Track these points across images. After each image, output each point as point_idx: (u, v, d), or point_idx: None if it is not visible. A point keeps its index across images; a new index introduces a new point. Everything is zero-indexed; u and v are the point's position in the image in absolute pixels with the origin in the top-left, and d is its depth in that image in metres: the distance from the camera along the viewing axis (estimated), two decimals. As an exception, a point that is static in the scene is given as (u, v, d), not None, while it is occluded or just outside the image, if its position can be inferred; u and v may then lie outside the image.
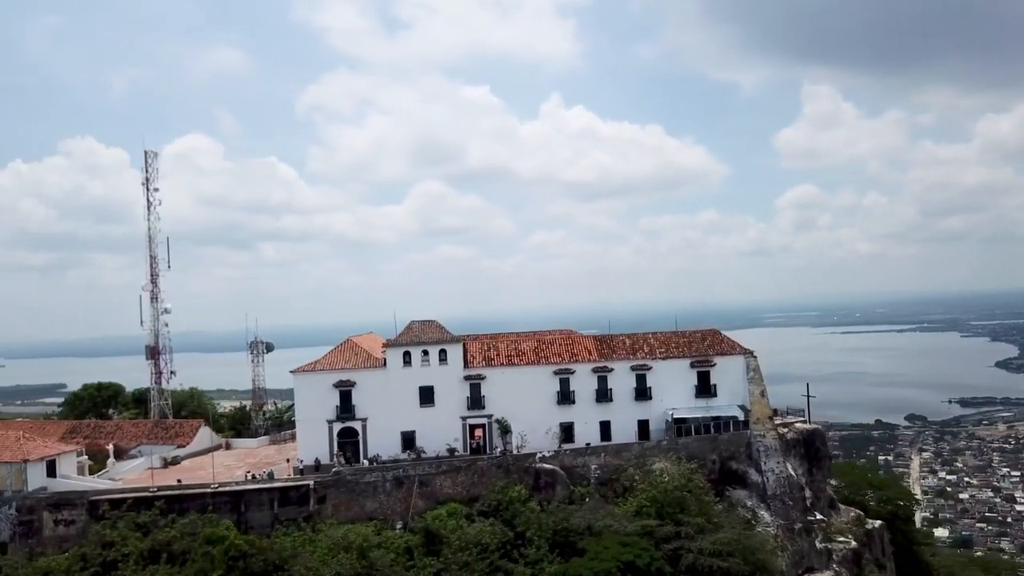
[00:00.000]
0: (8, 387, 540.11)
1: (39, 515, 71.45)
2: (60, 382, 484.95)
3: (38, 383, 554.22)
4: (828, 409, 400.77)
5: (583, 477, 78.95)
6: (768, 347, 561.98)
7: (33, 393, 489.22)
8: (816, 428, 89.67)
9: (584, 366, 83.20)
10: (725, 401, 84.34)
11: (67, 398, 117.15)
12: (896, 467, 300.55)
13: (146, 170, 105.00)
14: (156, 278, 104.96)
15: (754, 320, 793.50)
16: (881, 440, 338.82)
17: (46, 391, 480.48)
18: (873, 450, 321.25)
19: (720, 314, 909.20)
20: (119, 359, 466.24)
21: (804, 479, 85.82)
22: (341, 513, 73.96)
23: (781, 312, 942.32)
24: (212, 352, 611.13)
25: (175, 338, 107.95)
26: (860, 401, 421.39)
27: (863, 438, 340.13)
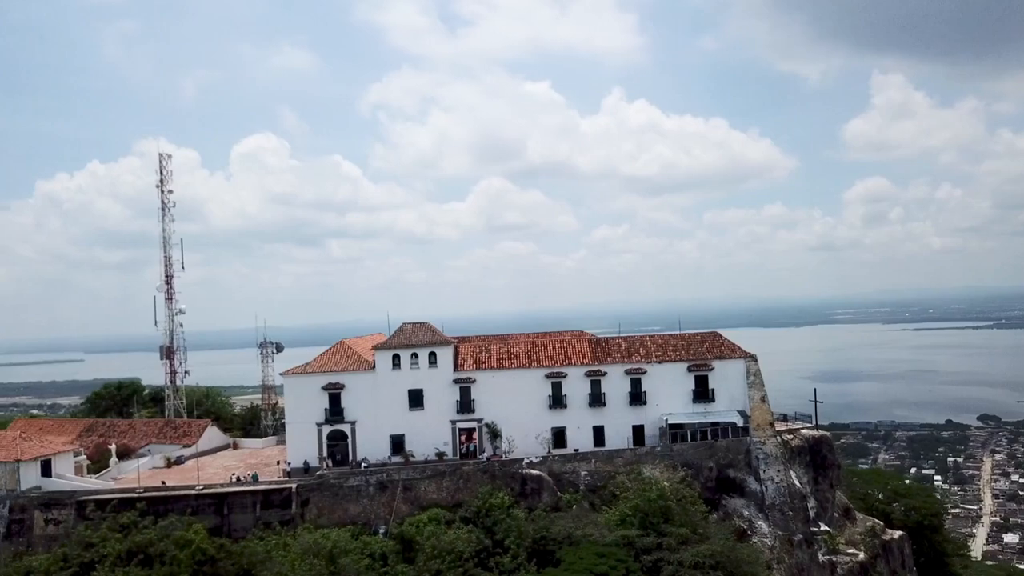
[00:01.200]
0: (87, 380, 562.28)
1: (30, 514, 72.95)
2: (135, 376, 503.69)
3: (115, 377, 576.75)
4: (897, 408, 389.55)
5: (572, 484, 77.33)
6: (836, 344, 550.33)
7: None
8: (823, 435, 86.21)
9: (577, 369, 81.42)
10: (724, 406, 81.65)
11: (88, 396, 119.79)
12: (966, 469, 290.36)
13: (160, 172, 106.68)
14: (171, 279, 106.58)
15: (822, 316, 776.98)
16: (951, 441, 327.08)
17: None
18: (943, 451, 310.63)
19: (787, 310, 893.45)
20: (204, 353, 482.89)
21: (809, 488, 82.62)
22: (324, 517, 73.73)
23: (851, 308, 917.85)
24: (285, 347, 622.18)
25: (241, 334, 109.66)
26: (931, 400, 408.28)
27: (932, 439, 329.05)
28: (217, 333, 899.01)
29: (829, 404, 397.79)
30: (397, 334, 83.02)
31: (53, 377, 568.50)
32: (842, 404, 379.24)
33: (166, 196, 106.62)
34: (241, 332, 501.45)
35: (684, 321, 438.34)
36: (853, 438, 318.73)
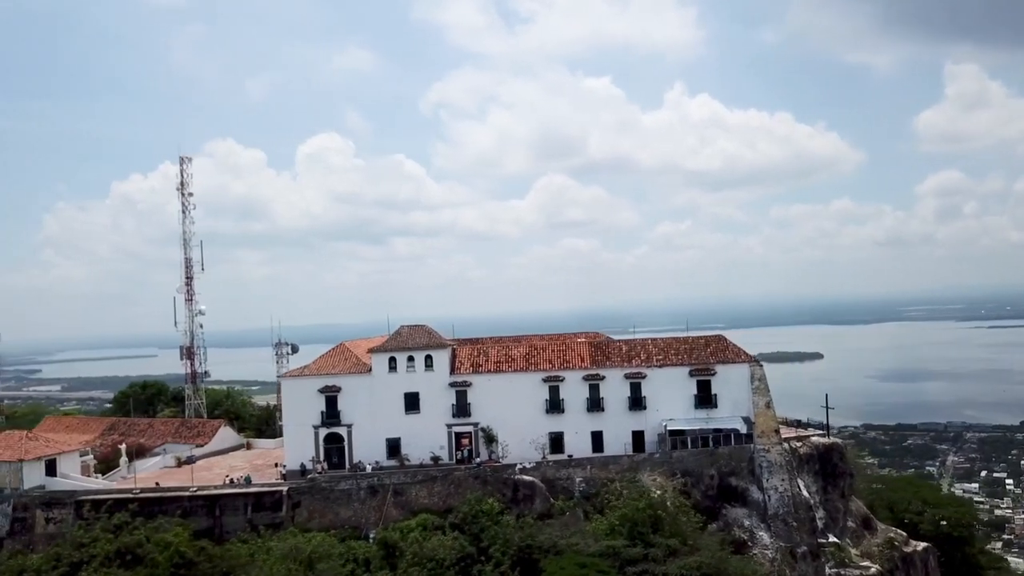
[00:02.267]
0: (159, 375, 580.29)
1: (32, 513, 74.54)
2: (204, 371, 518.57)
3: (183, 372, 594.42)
4: (968, 408, 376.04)
5: (567, 490, 75.85)
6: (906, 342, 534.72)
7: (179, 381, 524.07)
8: (834, 443, 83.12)
9: (575, 373, 79.86)
10: (727, 412, 79.15)
11: (115, 395, 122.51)
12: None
13: (181, 175, 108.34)
14: (191, 280, 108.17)
15: (892, 313, 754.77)
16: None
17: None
18: (1016, 454, 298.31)
19: (855, 307, 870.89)
20: (258, 350, 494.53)
21: (817, 498, 79.67)
22: (315, 520, 73.76)
23: (922, 305, 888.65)
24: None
25: (309, 330, 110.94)
26: (1005, 401, 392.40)
27: (1005, 441, 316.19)
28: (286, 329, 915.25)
29: (896, 403, 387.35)
30: (394, 337, 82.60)
31: (127, 372, 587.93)
32: (910, 404, 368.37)
33: (186, 199, 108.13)
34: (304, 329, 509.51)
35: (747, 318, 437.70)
36: (921, 439, 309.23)
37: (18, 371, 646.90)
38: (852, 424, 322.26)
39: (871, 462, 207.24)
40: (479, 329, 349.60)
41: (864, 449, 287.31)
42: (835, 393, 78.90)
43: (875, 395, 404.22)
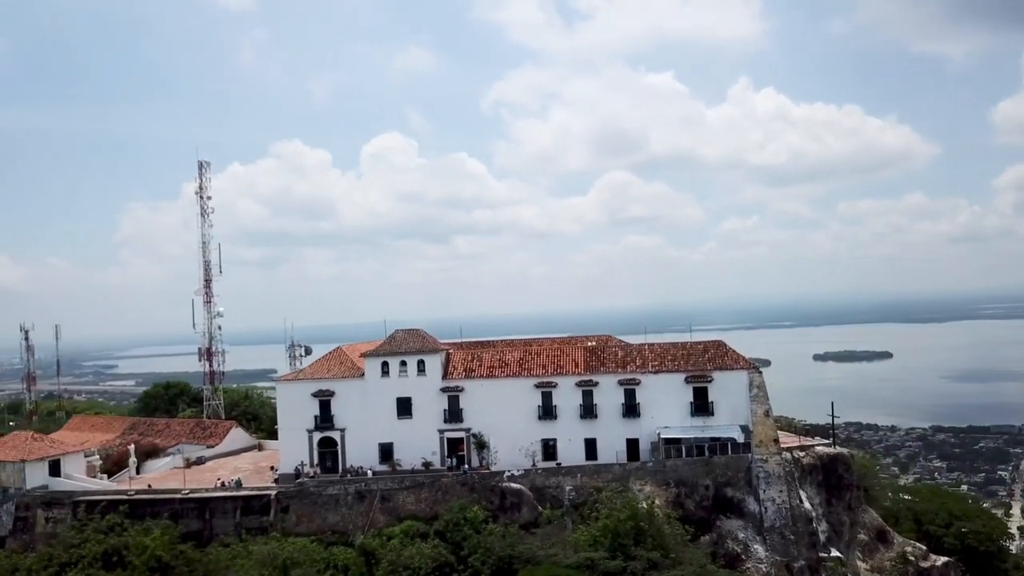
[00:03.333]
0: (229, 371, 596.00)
1: (33, 512, 76.47)
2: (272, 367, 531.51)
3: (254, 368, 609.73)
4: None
5: (556, 499, 74.56)
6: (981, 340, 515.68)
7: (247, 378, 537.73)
8: (839, 453, 79.87)
9: (568, 379, 78.40)
10: (725, 421, 76.81)
11: (140, 395, 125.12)
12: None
13: (200, 179, 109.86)
14: (210, 283, 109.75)
15: (967, 311, 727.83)
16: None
17: (258, 376, 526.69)
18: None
19: (928, 304, 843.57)
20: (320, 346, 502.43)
21: (820, 510, 76.76)
22: (303, 524, 74.05)
23: (999, 303, 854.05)
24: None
25: (376, 327, 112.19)
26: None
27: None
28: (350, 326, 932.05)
29: (968, 405, 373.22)
30: (388, 341, 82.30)
31: (198, 368, 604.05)
32: (983, 405, 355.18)
33: (205, 203, 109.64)
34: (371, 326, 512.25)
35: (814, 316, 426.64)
36: (993, 442, 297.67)
37: (96, 366, 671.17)
38: (920, 426, 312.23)
39: (893, 471, 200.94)
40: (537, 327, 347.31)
41: (932, 452, 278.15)
42: (904, 394, 75.14)
43: (946, 396, 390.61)
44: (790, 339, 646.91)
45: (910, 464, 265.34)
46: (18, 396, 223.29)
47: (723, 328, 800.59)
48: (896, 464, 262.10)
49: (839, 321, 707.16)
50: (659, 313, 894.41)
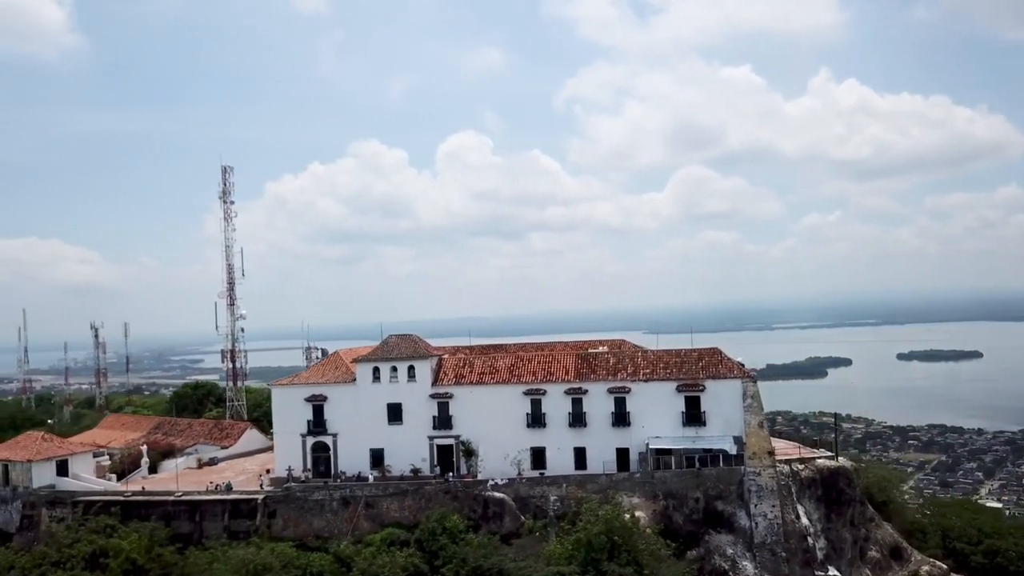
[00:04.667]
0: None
1: (38, 511, 78.93)
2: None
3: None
4: None
5: (540, 509, 73.26)
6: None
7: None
8: (840, 467, 76.07)
9: (557, 386, 76.90)
10: (718, 431, 74.19)
11: (170, 395, 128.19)
12: None
13: (224, 183, 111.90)
14: (233, 286, 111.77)
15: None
16: None
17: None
18: None
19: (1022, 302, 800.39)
20: None
21: (819, 526, 73.48)
22: (290, 529, 74.57)
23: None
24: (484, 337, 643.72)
25: (453, 323, 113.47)
26: None
27: None
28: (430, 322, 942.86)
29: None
30: (380, 346, 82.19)
31: (279, 363, 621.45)
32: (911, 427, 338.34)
33: (228, 207, 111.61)
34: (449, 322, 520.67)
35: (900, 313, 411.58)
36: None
37: (183, 360, 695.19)
38: (1009, 429, 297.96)
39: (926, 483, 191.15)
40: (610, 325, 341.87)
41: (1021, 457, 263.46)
42: (993, 396, 70.96)
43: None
44: (873, 338, 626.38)
45: (996, 469, 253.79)
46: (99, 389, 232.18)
47: (803, 326, 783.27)
48: (981, 469, 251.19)
49: (926, 319, 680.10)
50: (737, 311, 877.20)
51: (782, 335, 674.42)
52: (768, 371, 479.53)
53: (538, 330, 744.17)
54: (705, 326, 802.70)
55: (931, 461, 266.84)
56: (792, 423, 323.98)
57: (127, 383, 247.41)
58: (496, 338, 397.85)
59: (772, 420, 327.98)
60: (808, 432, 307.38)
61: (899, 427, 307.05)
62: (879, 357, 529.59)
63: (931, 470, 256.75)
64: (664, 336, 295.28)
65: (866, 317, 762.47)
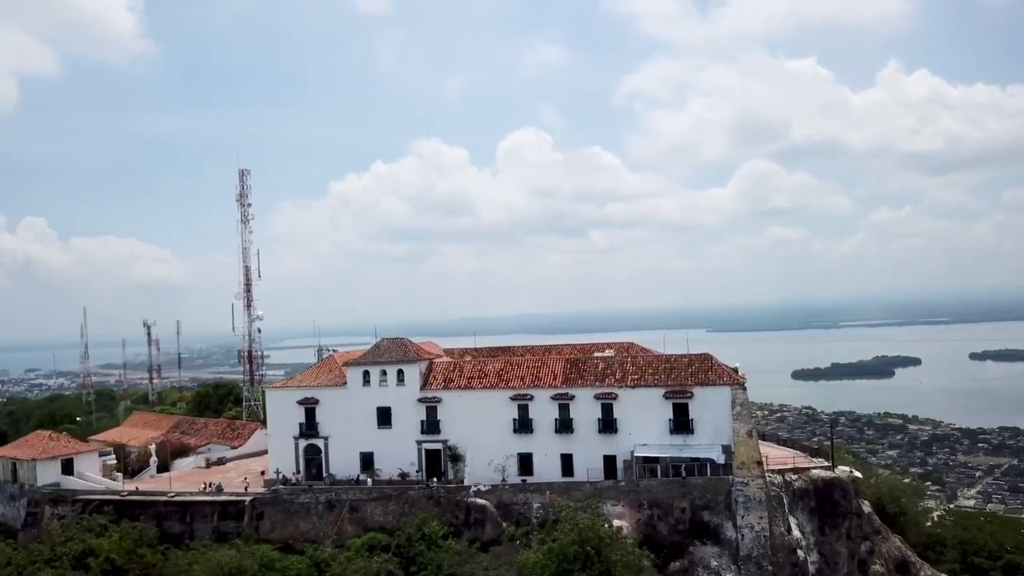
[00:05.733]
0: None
1: (42, 509, 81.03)
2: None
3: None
4: None
5: (523, 516, 72.25)
6: None
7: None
8: (835, 478, 73.10)
9: (544, 392, 75.73)
10: (706, 440, 72.09)
11: (193, 395, 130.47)
12: None
13: (241, 186, 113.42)
14: (250, 286, 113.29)
15: None
16: None
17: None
18: None
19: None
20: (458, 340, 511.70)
21: (811, 539, 70.89)
22: (277, 531, 75.12)
23: None
24: (543, 333, 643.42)
25: (515, 320, 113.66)
26: None
27: None
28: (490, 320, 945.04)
29: None
30: (372, 350, 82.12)
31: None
32: None
33: (245, 210, 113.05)
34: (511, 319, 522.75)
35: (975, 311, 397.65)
36: None
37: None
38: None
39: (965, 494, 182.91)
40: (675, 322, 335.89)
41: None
42: None
43: None
44: (946, 336, 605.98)
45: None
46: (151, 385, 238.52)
47: (871, 324, 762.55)
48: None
49: (1002, 317, 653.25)
50: (803, 308, 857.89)
51: (849, 333, 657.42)
52: (833, 370, 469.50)
53: (598, 328, 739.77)
54: (770, 324, 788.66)
55: (1001, 465, 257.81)
56: (855, 424, 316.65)
57: (180, 379, 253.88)
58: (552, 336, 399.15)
59: (835, 421, 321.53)
60: (873, 433, 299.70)
61: (968, 429, 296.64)
62: (950, 357, 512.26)
63: (1000, 474, 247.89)
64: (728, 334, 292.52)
65: (938, 315, 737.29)
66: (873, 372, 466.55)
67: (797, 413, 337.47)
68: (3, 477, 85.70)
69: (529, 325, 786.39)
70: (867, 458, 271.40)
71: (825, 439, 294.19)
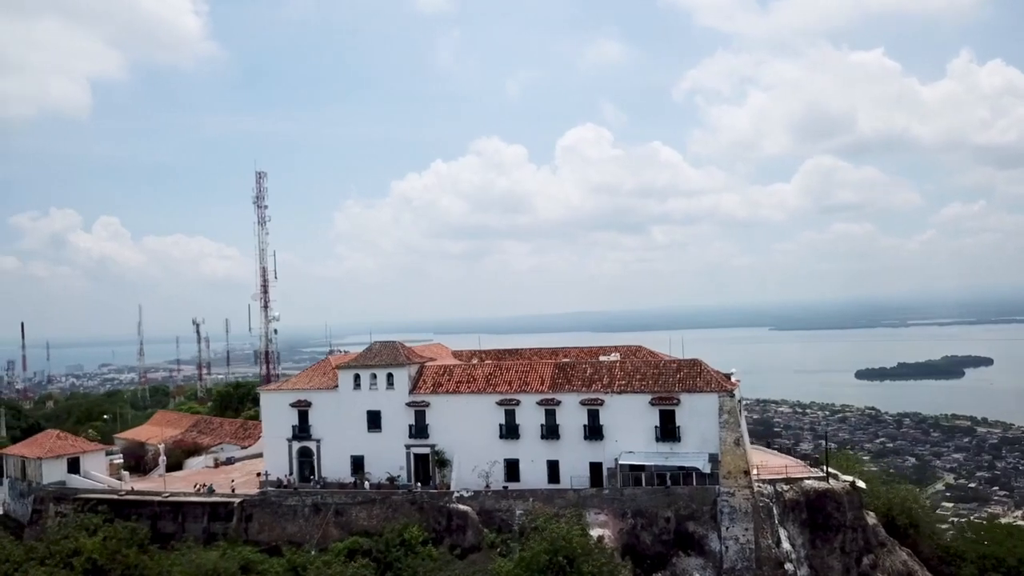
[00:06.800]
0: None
1: (46, 506, 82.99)
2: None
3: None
4: None
5: (506, 523, 71.26)
6: None
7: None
8: (828, 489, 70.17)
9: (530, 397, 74.49)
10: (693, 448, 70.01)
11: (214, 395, 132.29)
12: None
13: (258, 189, 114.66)
14: (267, 288, 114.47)
15: None
16: None
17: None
18: None
19: None
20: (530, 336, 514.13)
21: (802, 552, 68.30)
22: (265, 533, 75.52)
23: None
24: (600, 331, 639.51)
25: (573, 317, 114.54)
26: None
27: None
28: (550, 316, 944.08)
29: None
30: (364, 353, 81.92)
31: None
32: None
33: (262, 211, 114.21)
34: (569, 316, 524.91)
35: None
36: None
37: (313, 352, 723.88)
38: None
39: None
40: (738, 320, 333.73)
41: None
42: None
43: None
44: (1019, 335, 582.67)
45: None
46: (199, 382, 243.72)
47: (941, 323, 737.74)
48: None
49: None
50: (870, 306, 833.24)
51: (917, 332, 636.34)
52: (899, 370, 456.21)
53: (657, 325, 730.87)
54: (835, 322, 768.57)
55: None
56: (920, 426, 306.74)
57: (227, 375, 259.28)
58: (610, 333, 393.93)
59: (899, 422, 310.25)
60: (938, 436, 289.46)
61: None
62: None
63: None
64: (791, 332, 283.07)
65: (1012, 314, 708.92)
66: (942, 372, 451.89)
67: (859, 414, 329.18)
68: (14, 474, 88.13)
69: (587, 323, 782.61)
70: (931, 461, 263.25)
71: (887, 441, 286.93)
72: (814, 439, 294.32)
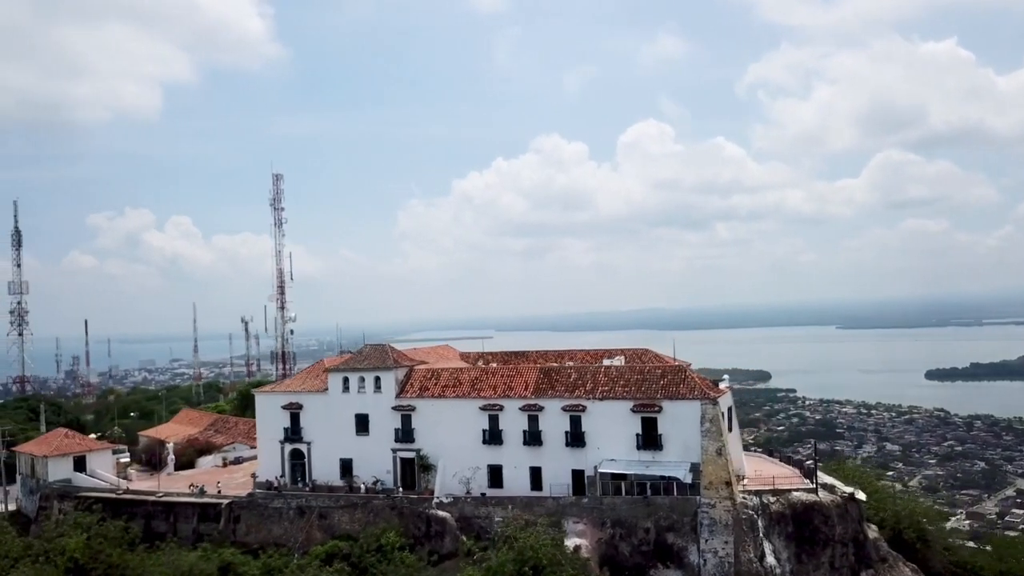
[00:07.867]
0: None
1: (51, 503, 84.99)
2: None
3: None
4: None
5: (484, 530, 70.20)
6: None
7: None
8: (816, 502, 67.11)
9: (513, 403, 73.18)
10: (675, 457, 67.81)
11: (236, 392, 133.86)
12: None
13: (275, 191, 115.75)
14: (283, 289, 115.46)
15: None
16: None
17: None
18: None
19: None
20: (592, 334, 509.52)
21: (788, 567, 65.58)
22: (252, 535, 76.03)
23: None
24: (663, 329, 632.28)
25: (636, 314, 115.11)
26: None
27: None
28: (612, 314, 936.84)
29: None
30: (354, 356, 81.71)
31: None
32: None
33: (279, 213, 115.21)
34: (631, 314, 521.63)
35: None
36: None
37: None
38: None
39: None
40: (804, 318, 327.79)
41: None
42: None
43: None
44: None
45: None
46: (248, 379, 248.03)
47: (1019, 322, 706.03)
48: None
49: None
50: (942, 304, 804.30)
51: (992, 331, 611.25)
52: (972, 370, 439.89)
53: (720, 323, 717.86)
54: (905, 321, 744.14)
55: None
56: (992, 428, 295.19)
57: (276, 372, 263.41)
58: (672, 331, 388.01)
59: (969, 425, 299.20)
60: (1011, 439, 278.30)
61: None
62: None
63: None
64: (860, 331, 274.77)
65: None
66: (1017, 373, 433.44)
67: (927, 415, 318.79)
68: (26, 472, 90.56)
69: (650, 320, 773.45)
70: (1002, 466, 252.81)
71: (956, 444, 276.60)
72: (878, 441, 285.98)
